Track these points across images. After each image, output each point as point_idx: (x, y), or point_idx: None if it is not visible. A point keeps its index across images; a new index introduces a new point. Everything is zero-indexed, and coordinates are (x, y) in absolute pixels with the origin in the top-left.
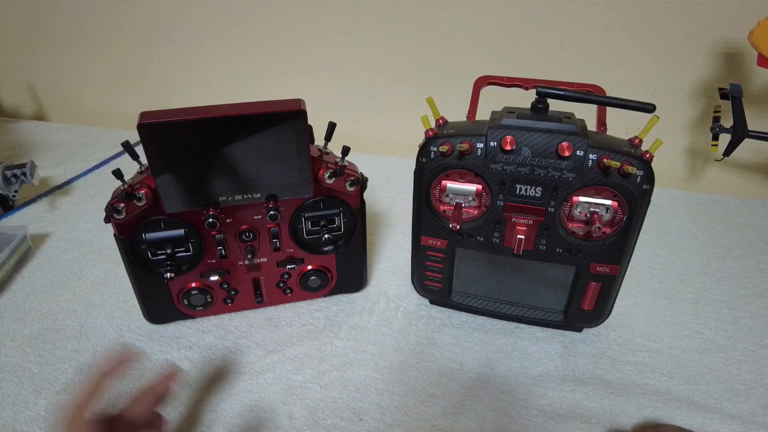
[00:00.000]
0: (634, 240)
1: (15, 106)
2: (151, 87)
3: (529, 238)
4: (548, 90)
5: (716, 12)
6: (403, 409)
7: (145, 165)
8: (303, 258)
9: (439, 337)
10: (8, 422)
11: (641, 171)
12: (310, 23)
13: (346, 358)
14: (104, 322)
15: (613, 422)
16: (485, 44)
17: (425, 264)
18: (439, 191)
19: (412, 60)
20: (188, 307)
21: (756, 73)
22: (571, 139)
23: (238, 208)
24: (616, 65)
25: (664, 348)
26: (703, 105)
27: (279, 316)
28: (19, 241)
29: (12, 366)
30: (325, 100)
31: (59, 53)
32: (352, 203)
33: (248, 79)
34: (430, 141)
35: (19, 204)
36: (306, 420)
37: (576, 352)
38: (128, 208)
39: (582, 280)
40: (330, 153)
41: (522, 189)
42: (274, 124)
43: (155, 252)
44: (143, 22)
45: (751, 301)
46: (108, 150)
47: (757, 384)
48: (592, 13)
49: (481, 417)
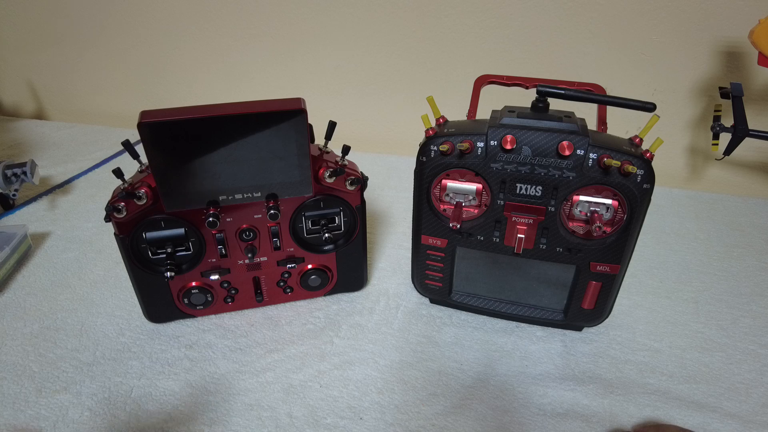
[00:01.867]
0: (634, 239)
1: (15, 104)
2: (151, 86)
3: (530, 237)
4: (549, 89)
5: (717, 11)
6: (403, 407)
7: (146, 164)
8: (303, 257)
9: (439, 336)
10: (8, 421)
11: (642, 170)
12: (310, 22)
13: (346, 357)
14: (105, 321)
15: (614, 421)
16: (486, 43)
17: (425, 263)
18: (440, 190)
19: (412, 59)
20: (188, 306)
21: (757, 72)
22: (571, 138)
23: (239, 207)
24: (616, 64)
25: (664, 347)
26: (704, 104)
27: (279, 315)
28: (19, 240)
29: (12, 365)
30: (325, 99)
31: (59, 52)
32: (352, 202)
33: (248, 78)
34: (431, 140)
35: (20, 203)
36: (306, 419)
37: (576, 351)
38: (128, 207)
39: (582, 279)
40: (330, 152)
41: (522, 188)
42: (274, 123)
43: (155, 251)
44: (144, 21)
45: (751, 300)
46: (108, 149)
47: (757, 383)
48: (593, 12)
49: (481, 416)
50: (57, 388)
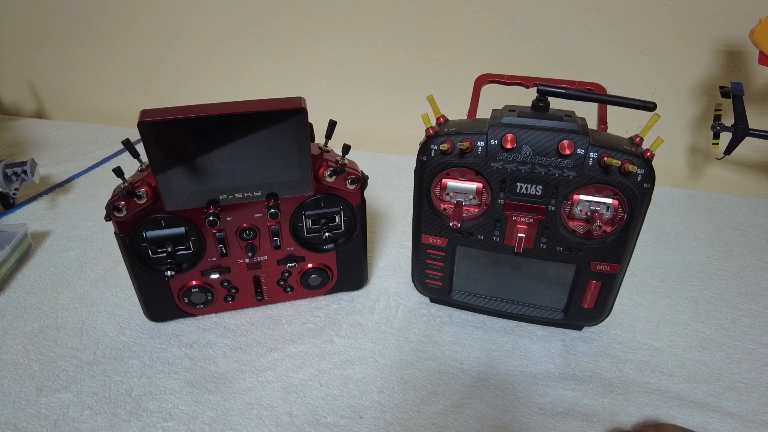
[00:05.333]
0: (634, 238)
1: (15, 103)
2: (151, 85)
3: (530, 236)
4: (549, 88)
5: (717, 10)
6: (403, 407)
7: (146, 163)
8: (303, 256)
9: (439, 335)
10: (9, 420)
11: (642, 169)
12: (310, 22)
13: (346, 356)
14: (105, 319)
15: (613, 420)
16: (486, 42)
17: (426, 262)
18: (440, 189)
19: (412, 58)
20: (189, 305)
21: (757, 72)
22: (571, 138)
23: (239, 206)
24: (616, 63)
25: (664, 346)
26: (704, 103)
27: (279, 314)
28: (19, 239)
29: (13, 364)
30: (325, 98)
31: (60, 51)
32: (352, 201)
33: (249, 77)
34: (431, 139)
35: (20, 202)
36: (306, 418)
37: (576, 350)
38: (129, 206)
39: (582, 278)
40: (330, 151)
41: (522, 187)
42: (274, 122)
43: (156, 250)
44: (144, 20)
45: (751, 300)
46: (108, 148)
47: (757, 382)
48: (593, 12)
49: (481, 415)
50: (57, 387)
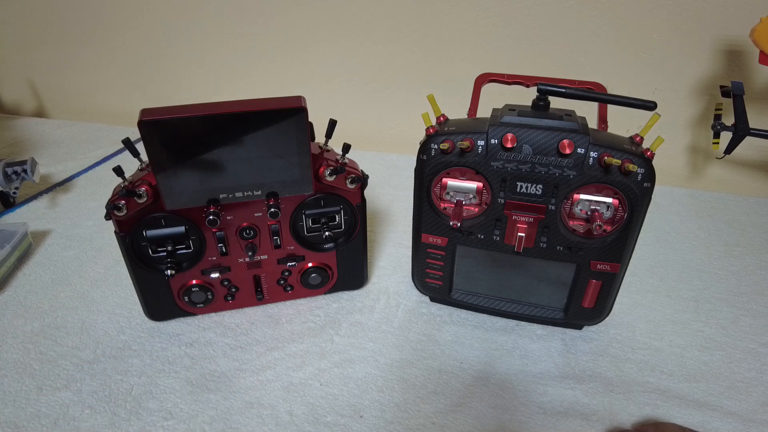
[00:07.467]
0: (634, 238)
1: (16, 103)
2: (151, 84)
3: (530, 235)
4: (549, 87)
5: (718, 9)
6: (403, 406)
7: (146, 162)
8: (303, 255)
9: (439, 334)
10: (9, 419)
11: (642, 169)
12: (311, 20)
13: (346, 356)
14: (105, 319)
15: (613, 420)
16: (486, 41)
17: (426, 261)
18: (440, 189)
19: (412, 57)
20: (189, 304)
21: (758, 71)
22: (572, 137)
23: (239, 206)
24: (617, 63)
25: (664, 346)
26: (705, 103)
27: (279, 313)
28: (20, 238)
29: (13, 363)
30: (325, 98)
31: (60, 50)
32: (352, 200)
33: (249, 76)
34: (431, 138)
35: (20, 201)
36: (306, 417)
37: (576, 349)
38: (129, 205)
39: (582, 277)
40: (330, 150)
41: (523, 186)
42: (274, 121)
43: (156, 249)
44: (144, 19)
45: (751, 299)
46: (109, 147)
47: (757, 382)
48: (594, 11)
49: (481, 414)
50: (58, 386)
